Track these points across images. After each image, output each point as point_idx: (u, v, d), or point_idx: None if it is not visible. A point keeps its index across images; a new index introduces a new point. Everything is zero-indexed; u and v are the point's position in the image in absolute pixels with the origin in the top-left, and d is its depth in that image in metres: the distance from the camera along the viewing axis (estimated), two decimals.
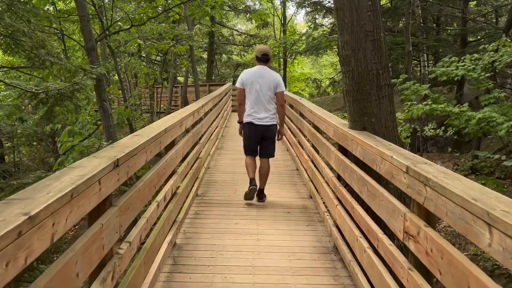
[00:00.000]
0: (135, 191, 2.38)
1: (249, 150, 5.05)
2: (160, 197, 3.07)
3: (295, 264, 3.48)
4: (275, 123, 4.99)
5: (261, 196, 5.11)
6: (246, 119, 4.97)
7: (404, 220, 2.12)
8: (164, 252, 3.26)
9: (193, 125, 5.20)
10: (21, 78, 12.55)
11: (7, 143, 14.50)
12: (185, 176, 4.44)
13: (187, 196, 4.64)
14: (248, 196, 4.93)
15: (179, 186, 3.97)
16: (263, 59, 4.93)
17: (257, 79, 4.85)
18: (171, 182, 3.52)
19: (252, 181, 4.90)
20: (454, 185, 1.70)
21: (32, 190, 1.46)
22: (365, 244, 2.82)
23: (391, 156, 2.34)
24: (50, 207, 1.34)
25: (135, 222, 2.66)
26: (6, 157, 14.73)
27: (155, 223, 3.04)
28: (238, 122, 5.17)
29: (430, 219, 1.99)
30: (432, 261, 1.79)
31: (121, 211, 2.13)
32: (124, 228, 2.17)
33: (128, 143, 2.47)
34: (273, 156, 5.11)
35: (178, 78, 26.78)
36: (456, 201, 1.61)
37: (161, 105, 18.78)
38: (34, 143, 12.88)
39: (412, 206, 2.11)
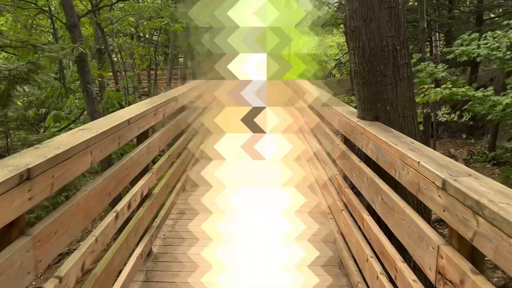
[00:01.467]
0: (70, 206, 1.76)
1: None
2: (120, 206, 2.45)
3: (292, 282, 2.89)
4: None
5: None
6: None
7: (437, 255, 1.50)
8: (131, 268, 2.69)
9: (179, 111, 4.57)
10: (13, 59, 11.89)
11: None
12: (165, 172, 3.83)
13: (170, 194, 4.05)
14: None
15: (155, 186, 3.36)
16: None
17: None
18: (141, 183, 2.91)
19: None
20: None
21: None
22: (378, 268, 2.21)
23: (418, 162, 1.69)
24: None
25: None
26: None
27: (115, 239, 2.45)
28: None
29: (477, 259, 1.37)
30: None
31: (40, 240, 1.52)
32: (45, 262, 1.56)
33: (63, 141, 1.85)
34: None
35: (180, 59, 25.90)
36: None
37: (160, 88, 18.04)
38: (25, 127, 12.28)
39: (450, 236, 1.48)
